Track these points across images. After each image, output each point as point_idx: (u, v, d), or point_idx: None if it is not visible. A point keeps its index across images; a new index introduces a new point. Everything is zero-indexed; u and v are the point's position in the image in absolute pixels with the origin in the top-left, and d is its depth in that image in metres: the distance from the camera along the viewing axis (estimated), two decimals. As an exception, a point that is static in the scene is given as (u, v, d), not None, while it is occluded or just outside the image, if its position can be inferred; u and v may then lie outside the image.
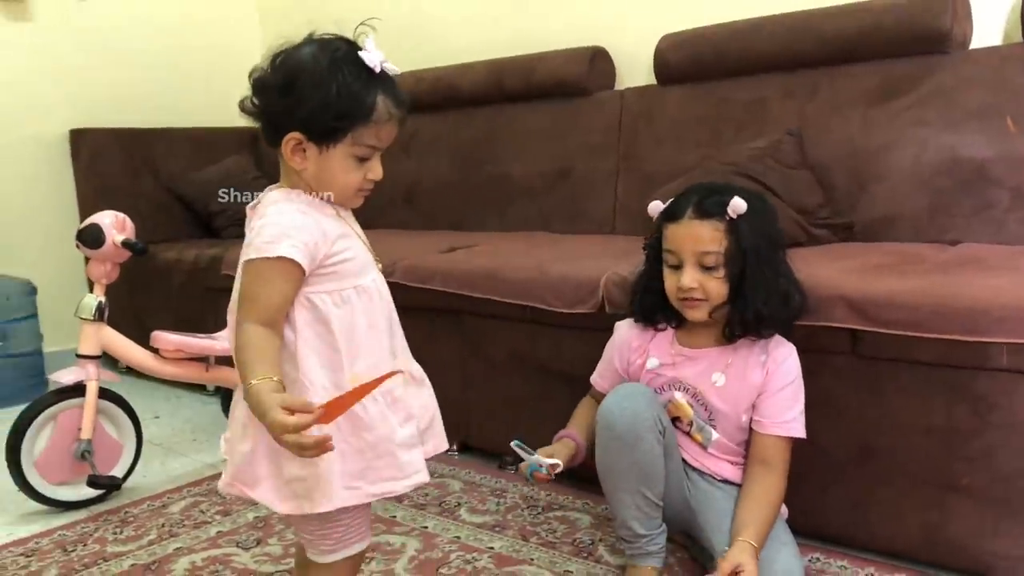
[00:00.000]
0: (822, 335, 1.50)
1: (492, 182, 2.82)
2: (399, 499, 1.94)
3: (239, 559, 1.68)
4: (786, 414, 1.41)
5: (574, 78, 2.66)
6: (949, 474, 1.41)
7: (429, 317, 2.15)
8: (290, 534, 1.77)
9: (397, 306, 2.37)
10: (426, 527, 1.79)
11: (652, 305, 1.52)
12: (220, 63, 3.79)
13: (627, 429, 1.38)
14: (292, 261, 1.04)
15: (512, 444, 1.45)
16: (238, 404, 1.12)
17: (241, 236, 1.12)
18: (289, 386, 1.04)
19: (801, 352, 1.46)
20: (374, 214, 3.12)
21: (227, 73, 3.86)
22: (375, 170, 1.14)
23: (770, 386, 1.42)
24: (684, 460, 1.51)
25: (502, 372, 2.02)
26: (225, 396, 2.39)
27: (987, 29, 2.08)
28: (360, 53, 1.07)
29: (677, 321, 1.51)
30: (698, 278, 1.40)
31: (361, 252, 1.17)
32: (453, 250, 2.27)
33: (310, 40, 1.10)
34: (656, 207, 1.49)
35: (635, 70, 2.66)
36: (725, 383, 1.45)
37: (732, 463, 1.48)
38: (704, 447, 1.49)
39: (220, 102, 3.78)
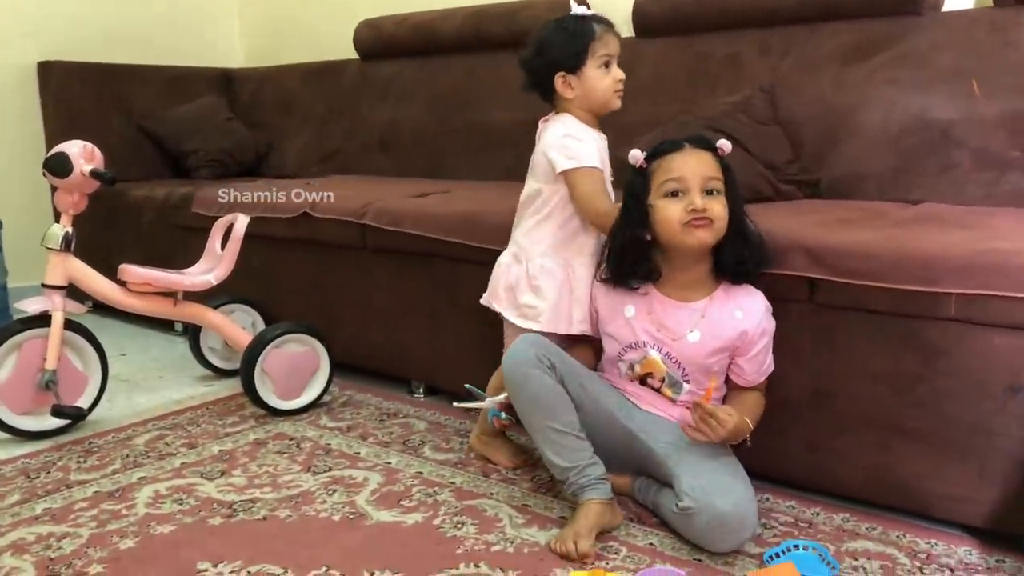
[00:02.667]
0: (782, 283, 1.53)
1: (469, 130, 2.81)
2: (363, 436, 1.97)
3: (203, 488, 1.70)
4: (764, 365, 1.52)
5: (553, 28, 2.64)
6: (896, 418, 1.46)
7: (398, 260, 2.16)
8: (254, 467, 1.80)
9: (368, 249, 2.40)
10: (389, 463, 1.82)
11: (635, 259, 1.52)
12: (194, 2, 3.73)
13: (513, 370, 1.48)
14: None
15: (465, 386, 1.65)
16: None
17: (212, 178, 1.18)
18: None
19: (760, 299, 1.50)
20: (348, 160, 3.14)
21: (202, 12, 3.81)
22: (616, 72, 1.62)
23: (749, 348, 1.49)
24: (644, 409, 1.56)
25: (471, 316, 2.03)
26: (194, 336, 2.40)
27: (961, -8, 2.11)
28: (571, 11, 1.64)
29: (658, 274, 1.53)
30: (707, 203, 1.44)
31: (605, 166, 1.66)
32: (426, 195, 2.28)
33: (542, 25, 1.67)
34: (637, 155, 1.51)
35: (615, 22, 2.64)
36: (700, 338, 1.50)
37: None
38: (673, 400, 1.54)
39: (194, 41, 3.74)
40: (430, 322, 2.13)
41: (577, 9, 1.65)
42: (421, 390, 2.26)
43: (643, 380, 1.57)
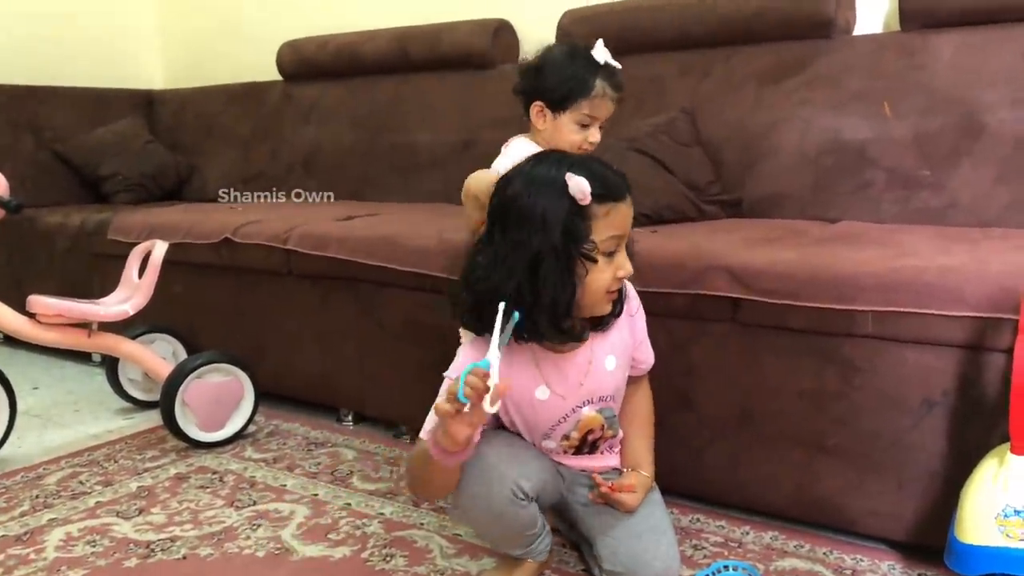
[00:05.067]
0: (705, 303, 1.54)
1: (395, 152, 2.79)
2: (290, 467, 1.92)
3: (118, 528, 1.63)
4: (649, 348, 1.44)
5: (479, 50, 2.65)
6: (818, 435, 1.48)
7: (324, 285, 2.12)
8: (175, 503, 1.73)
9: (293, 274, 2.34)
10: (316, 495, 1.78)
11: (559, 319, 1.21)
12: (112, 21, 3.63)
13: (484, 513, 1.29)
14: None
15: None
16: None
17: (132, 203, 1.12)
18: None
19: (684, 319, 1.51)
20: (272, 182, 3.08)
21: (121, 31, 3.71)
22: (594, 135, 1.47)
23: (638, 337, 1.41)
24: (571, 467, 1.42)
25: (398, 341, 2.01)
26: (111, 367, 2.31)
27: (869, 17, 2.19)
28: (592, 51, 1.45)
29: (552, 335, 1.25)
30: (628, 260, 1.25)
31: None
32: (351, 218, 2.24)
33: (563, 44, 1.55)
34: (584, 187, 1.14)
35: (539, 44, 2.66)
36: (617, 362, 1.35)
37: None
38: (615, 435, 1.42)
39: (112, 62, 3.64)
40: (357, 348, 2.09)
41: (599, 53, 1.46)
42: (350, 418, 2.22)
43: (581, 443, 1.38)
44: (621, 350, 1.35)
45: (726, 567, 1.41)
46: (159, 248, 2.09)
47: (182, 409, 2.00)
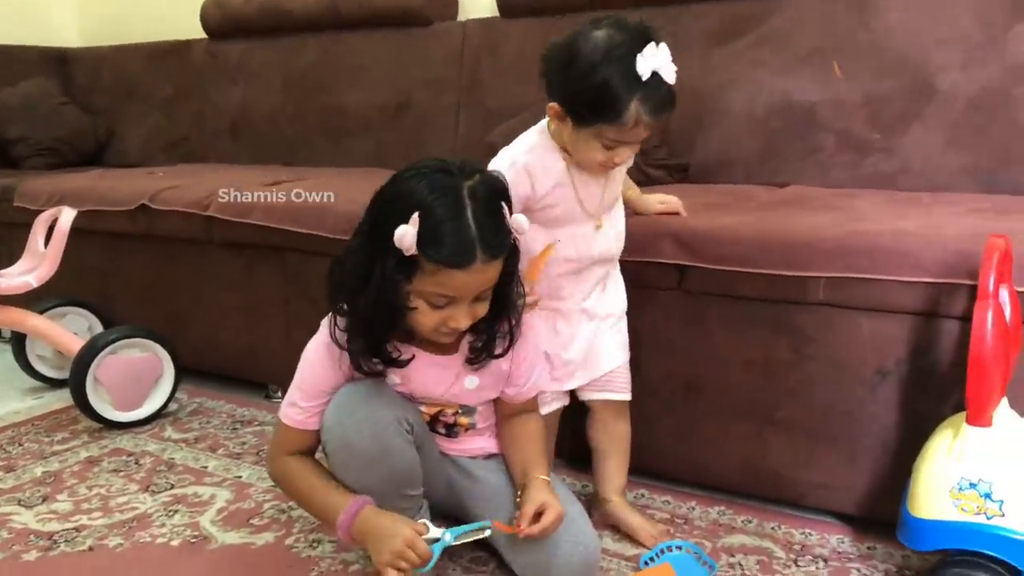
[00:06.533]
0: (650, 271, 1.46)
1: (326, 114, 2.65)
2: (212, 448, 1.80)
3: (19, 518, 1.50)
4: (532, 378, 1.28)
5: (414, 6, 2.52)
6: (768, 407, 1.42)
7: (249, 254, 1.99)
8: (83, 489, 1.60)
9: (215, 242, 2.18)
10: (240, 477, 1.66)
11: (382, 336, 1.15)
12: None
13: (370, 443, 1.15)
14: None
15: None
16: None
17: (44, 168, 0.99)
18: None
19: (630, 287, 1.42)
20: (196, 148, 2.91)
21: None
22: (621, 154, 1.21)
23: (515, 376, 1.27)
24: (444, 453, 1.32)
25: (327, 313, 1.89)
26: (19, 343, 2.14)
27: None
28: (638, 55, 1.11)
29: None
30: (472, 313, 1.12)
31: (572, 206, 1.27)
32: (278, 183, 2.11)
33: (612, 23, 1.16)
34: (408, 237, 1.02)
35: (478, 1, 2.55)
36: (479, 383, 1.25)
37: (492, 434, 1.34)
38: (473, 426, 1.31)
39: (21, 16, 3.39)
40: (285, 321, 1.97)
41: (646, 60, 1.11)
42: (279, 394, 2.09)
43: (434, 420, 1.29)
44: (490, 379, 1.25)
45: (671, 547, 1.35)
46: (66, 215, 1.93)
47: (94, 387, 1.86)
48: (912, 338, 1.30)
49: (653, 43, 1.13)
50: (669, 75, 1.14)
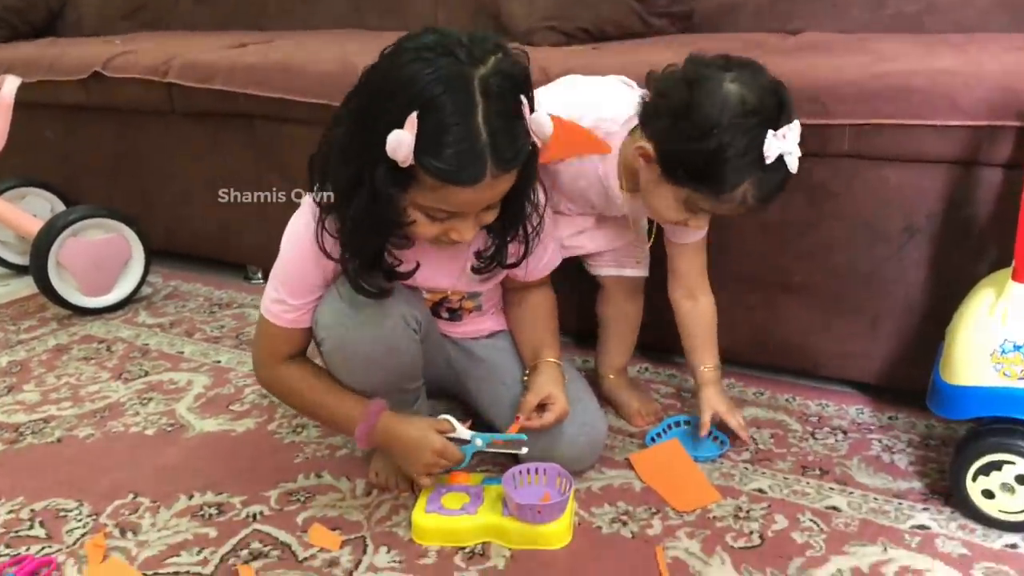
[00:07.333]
0: (655, 125, 1.32)
1: (296, -29, 2.42)
2: (188, 332, 1.70)
3: (-17, 410, 1.41)
4: (545, 258, 1.17)
5: None
6: (782, 273, 1.31)
7: (213, 123, 1.83)
8: (52, 378, 1.51)
9: (177, 112, 1.99)
10: (219, 361, 1.57)
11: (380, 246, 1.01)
12: None
13: (374, 344, 1.04)
14: None
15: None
16: None
17: None
18: None
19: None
20: (156, 16, 2.68)
21: None
22: (701, 221, 1.11)
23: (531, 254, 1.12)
24: (445, 335, 1.21)
25: (303, 185, 1.75)
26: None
27: None
28: (769, 133, 0.95)
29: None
30: (476, 225, 0.97)
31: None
32: (244, 45, 1.92)
33: (748, 76, 0.98)
34: (405, 143, 0.84)
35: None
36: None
37: (496, 311, 1.24)
38: (478, 309, 1.21)
39: None
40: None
41: (773, 143, 0.95)
42: (259, 275, 1.98)
43: (438, 304, 1.17)
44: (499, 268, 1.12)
45: (677, 423, 1.26)
46: (9, 84, 1.76)
47: (58, 271, 1.74)
48: (946, 190, 1.17)
49: (787, 119, 0.96)
50: (793, 162, 0.98)
